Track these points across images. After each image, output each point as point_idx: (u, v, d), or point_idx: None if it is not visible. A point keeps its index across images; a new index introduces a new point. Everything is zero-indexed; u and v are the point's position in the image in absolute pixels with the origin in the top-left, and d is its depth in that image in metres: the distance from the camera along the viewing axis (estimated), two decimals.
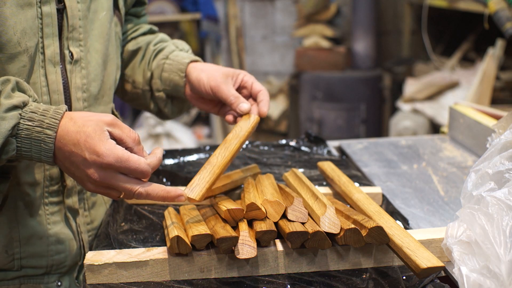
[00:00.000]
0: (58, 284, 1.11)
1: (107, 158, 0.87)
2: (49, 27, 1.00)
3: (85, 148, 0.88)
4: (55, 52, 1.02)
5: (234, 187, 1.16)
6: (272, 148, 1.50)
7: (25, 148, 0.90)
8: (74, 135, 0.89)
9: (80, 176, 0.91)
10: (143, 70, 1.28)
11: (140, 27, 1.35)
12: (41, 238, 1.07)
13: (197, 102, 1.24)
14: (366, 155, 1.52)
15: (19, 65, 0.97)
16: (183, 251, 0.91)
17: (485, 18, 2.90)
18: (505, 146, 0.96)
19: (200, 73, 1.19)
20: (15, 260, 1.07)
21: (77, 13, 1.05)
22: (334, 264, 0.94)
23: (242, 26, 4.91)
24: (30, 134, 0.89)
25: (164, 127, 4.21)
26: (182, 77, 1.22)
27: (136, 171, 0.89)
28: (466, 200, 0.94)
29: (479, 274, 0.81)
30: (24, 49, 0.97)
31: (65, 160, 0.91)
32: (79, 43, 1.06)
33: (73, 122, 0.90)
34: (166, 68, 1.24)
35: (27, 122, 0.89)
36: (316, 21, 4.57)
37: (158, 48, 1.29)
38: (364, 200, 1.03)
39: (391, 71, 4.28)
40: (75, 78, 1.06)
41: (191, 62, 1.23)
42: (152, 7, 4.44)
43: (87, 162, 0.88)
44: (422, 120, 3.48)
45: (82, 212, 1.14)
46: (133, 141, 0.92)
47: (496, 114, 1.50)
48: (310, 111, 4.33)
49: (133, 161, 0.89)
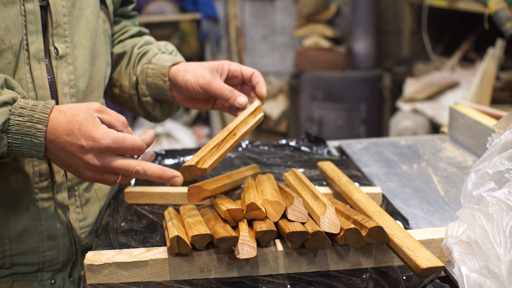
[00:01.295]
0: (52, 282, 1.11)
1: (104, 141, 0.90)
2: (33, 24, 1.01)
3: (80, 136, 0.90)
4: (39, 49, 1.03)
5: (234, 187, 1.16)
6: (272, 148, 1.50)
7: (16, 143, 0.91)
8: (67, 125, 0.91)
9: (77, 165, 0.93)
10: (129, 74, 1.28)
11: (129, 29, 1.35)
12: (32, 234, 1.08)
13: (187, 102, 1.25)
14: (366, 155, 1.52)
15: (4, 62, 0.98)
16: (183, 251, 0.91)
17: (485, 18, 2.90)
18: (505, 146, 0.96)
19: (185, 74, 1.18)
20: (6, 258, 1.07)
21: (61, 9, 1.06)
22: (334, 264, 0.94)
23: (242, 26, 4.91)
24: (21, 129, 0.91)
25: (164, 127, 4.21)
26: (165, 81, 1.21)
27: (133, 148, 0.93)
28: (466, 200, 0.94)
29: (479, 274, 0.81)
30: (8, 46, 0.98)
31: (59, 152, 0.93)
32: (65, 39, 1.07)
33: (63, 114, 0.92)
34: (150, 73, 1.23)
35: (17, 117, 0.91)
36: (316, 21, 4.57)
37: (142, 52, 1.28)
38: (364, 200, 1.03)
39: (391, 71, 4.28)
40: (61, 73, 1.07)
41: (173, 65, 1.22)
42: (152, 7, 4.44)
43: (84, 149, 0.91)
44: (422, 120, 3.48)
45: (73, 208, 1.14)
46: (122, 124, 0.96)
47: (496, 114, 1.50)
48: (310, 111, 4.33)
49: (128, 139, 0.92)
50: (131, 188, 1.21)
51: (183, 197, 1.18)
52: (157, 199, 1.20)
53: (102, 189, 1.22)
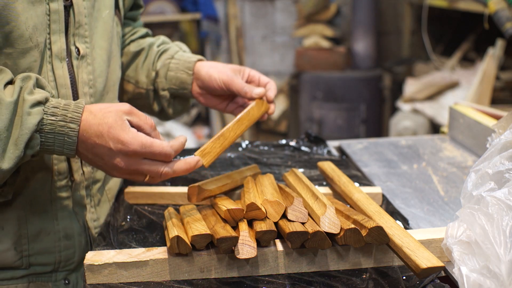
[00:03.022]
0: (66, 282, 1.12)
1: (132, 145, 0.92)
2: (56, 23, 1.03)
3: (109, 139, 0.92)
4: (61, 48, 1.04)
5: (234, 187, 1.16)
6: (272, 148, 1.50)
7: (48, 142, 0.93)
8: (96, 127, 0.93)
9: (105, 165, 0.95)
10: (147, 70, 1.32)
11: (138, 31, 1.39)
12: (49, 233, 1.08)
13: (204, 98, 1.29)
14: (366, 155, 1.52)
15: (30, 60, 0.99)
16: (183, 251, 0.91)
17: (485, 18, 2.90)
18: (505, 146, 0.96)
19: (210, 69, 1.25)
20: (23, 258, 1.07)
21: (83, 10, 1.07)
22: (334, 264, 0.94)
23: (242, 26, 4.91)
24: (54, 129, 0.92)
25: (164, 127, 4.21)
26: (190, 75, 1.27)
27: (160, 155, 0.94)
28: (466, 200, 0.94)
29: (479, 274, 0.81)
30: (35, 44, 0.99)
31: (88, 152, 0.95)
32: (85, 40, 1.09)
33: (93, 115, 0.94)
34: (172, 67, 1.29)
35: (50, 117, 0.92)
36: (316, 21, 4.57)
37: (162, 49, 1.33)
38: (364, 200, 1.03)
39: (391, 71, 4.28)
40: (82, 73, 1.08)
41: (198, 61, 1.29)
42: (152, 7, 4.44)
43: (113, 152, 0.93)
44: (422, 120, 3.48)
45: (89, 208, 1.15)
46: (150, 127, 0.97)
47: (496, 114, 1.50)
48: (310, 111, 4.33)
49: (157, 145, 0.93)
50: (131, 188, 1.21)
51: (183, 197, 1.18)
52: (157, 199, 1.20)
53: (112, 190, 1.24)
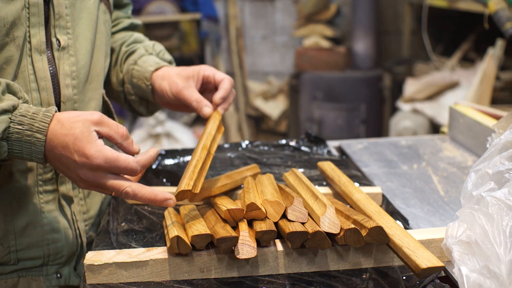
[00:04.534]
0: (57, 276, 1.11)
1: (96, 160, 0.89)
2: (36, 16, 1.02)
3: (74, 151, 0.90)
4: (41, 41, 1.04)
5: (234, 187, 1.16)
6: (272, 148, 1.50)
7: (16, 150, 0.92)
8: (63, 137, 0.91)
9: (72, 176, 0.94)
10: (116, 72, 1.31)
11: (121, 21, 1.37)
12: (36, 227, 1.08)
13: (170, 106, 1.27)
14: (366, 155, 1.52)
15: (6, 55, 0.99)
16: (183, 251, 0.91)
17: (485, 18, 2.90)
18: (505, 146, 0.96)
19: (162, 82, 1.21)
20: (11, 253, 1.07)
21: (63, 1, 1.07)
22: (334, 264, 0.94)
23: (242, 26, 4.91)
24: (20, 138, 0.91)
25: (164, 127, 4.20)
26: (147, 86, 1.24)
27: (126, 170, 0.91)
28: (466, 200, 0.94)
29: (479, 274, 0.81)
30: (11, 39, 0.99)
31: (56, 161, 0.93)
32: (67, 31, 1.08)
33: (60, 125, 0.92)
34: (135, 75, 1.26)
35: (17, 126, 0.91)
36: (316, 21, 4.57)
37: (129, 51, 1.30)
38: (364, 200, 1.03)
39: (391, 71, 4.28)
40: (63, 65, 1.08)
41: (156, 70, 1.24)
42: (152, 7, 4.44)
43: (78, 164, 0.90)
44: (422, 120, 3.48)
45: (77, 200, 1.14)
46: (121, 137, 0.94)
47: (496, 114, 1.50)
48: (310, 111, 4.33)
49: (122, 160, 0.90)
50: None
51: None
52: None
53: None
